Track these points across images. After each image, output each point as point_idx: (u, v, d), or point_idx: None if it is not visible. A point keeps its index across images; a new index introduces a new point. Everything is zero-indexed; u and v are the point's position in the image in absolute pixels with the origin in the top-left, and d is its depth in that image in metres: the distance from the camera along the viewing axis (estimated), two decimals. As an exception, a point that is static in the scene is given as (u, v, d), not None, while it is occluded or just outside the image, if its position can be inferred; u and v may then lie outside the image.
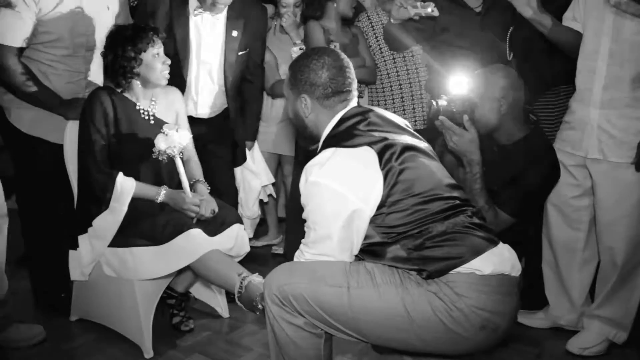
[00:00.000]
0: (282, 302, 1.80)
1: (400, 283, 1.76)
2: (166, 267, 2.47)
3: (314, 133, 1.98)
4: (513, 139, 2.49)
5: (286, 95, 2.02)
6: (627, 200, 2.44)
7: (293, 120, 2.05)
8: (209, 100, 2.99)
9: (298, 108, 1.97)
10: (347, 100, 1.95)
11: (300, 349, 1.82)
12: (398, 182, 1.79)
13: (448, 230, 1.77)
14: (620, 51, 2.37)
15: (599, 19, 2.41)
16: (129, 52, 2.50)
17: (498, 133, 2.49)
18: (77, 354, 2.61)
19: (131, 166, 2.58)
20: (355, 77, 1.97)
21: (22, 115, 2.72)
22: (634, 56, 2.35)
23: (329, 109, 1.93)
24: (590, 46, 2.45)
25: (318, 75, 1.90)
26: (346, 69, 1.94)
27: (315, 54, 1.95)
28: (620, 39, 2.37)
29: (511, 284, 1.80)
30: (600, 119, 2.43)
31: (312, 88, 1.91)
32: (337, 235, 1.79)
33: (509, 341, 2.61)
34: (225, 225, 2.55)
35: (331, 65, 1.91)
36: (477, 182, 2.35)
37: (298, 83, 1.94)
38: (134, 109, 2.61)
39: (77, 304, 2.84)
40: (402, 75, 3.39)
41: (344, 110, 1.93)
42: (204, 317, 2.93)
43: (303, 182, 1.83)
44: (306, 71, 1.91)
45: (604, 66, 2.40)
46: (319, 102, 1.92)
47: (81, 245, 2.60)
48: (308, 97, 1.93)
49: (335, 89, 1.91)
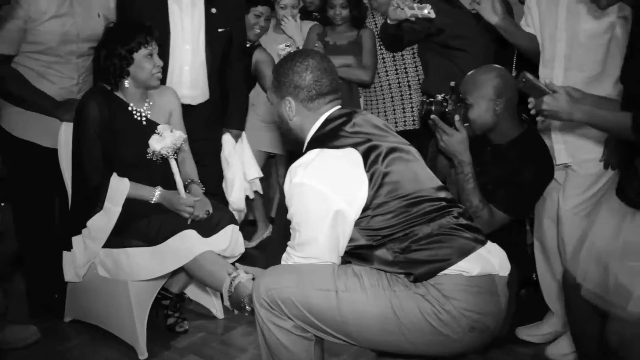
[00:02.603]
0: (271, 305, 1.80)
1: (388, 286, 1.76)
2: (160, 268, 2.47)
3: (299, 136, 1.97)
4: (507, 138, 2.50)
5: (270, 98, 2.02)
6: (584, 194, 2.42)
7: (278, 123, 2.04)
8: (192, 81, 2.94)
9: (282, 111, 1.96)
10: (332, 102, 1.95)
11: (291, 352, 1.81)
12: (383, 185, 1.78)
13: (434, 232, 1.77)
14: (577, 55, 2.35)
15: (553, 25, 2.39)
16: (120, 50, 2.49)
17: (493, 133, 2.50)
18: (71, 355, 2.61)
19: (125, 167, 2.57)
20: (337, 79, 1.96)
21: (13, 119, 2.71)
22: (591, 58, 2.33)
23: (314, 111, 1.92)
24: (547, 53, 2.44)
25: (302, 77, 1.89)
26: (331, 71, 1.93)
27: (299, 56, 1.94)
28: (575, 44, 2.35)
29: (500, 284, 1.80)
30: (562, 124, 2.40)
31: (296, 90, 1.91)
32: (323, 236, 1.78)
33: (504, 342, 2.60)
34: (219, 226, 2.54)
35: (315, 67, 1.90)
36: (470, 182, 2.36)
37: (282, 86, 1.93)
38: (126, 110, 2.60)
39: (71, 305, 2.84)
40: (391, 75, 3.39)
41: (329, 112, 1.93)
42: (199, 318, 2.92)
43: (287, 184, 1.83)
44: (290, 74, 1.91)
45: (561, 71, 2.38)
46: (303, 104, 1.92)
47: (75, 246, 2.60)
48: (292, 99, 1.92)
49: (320, 91, 1.90)
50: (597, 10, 2.22)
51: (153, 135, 2.49)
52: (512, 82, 2.46)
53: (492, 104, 2.43)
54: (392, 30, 2.96)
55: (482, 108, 2.43)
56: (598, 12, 2.25)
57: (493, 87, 2.42)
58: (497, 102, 2.42)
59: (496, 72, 2.48)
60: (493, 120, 2.45)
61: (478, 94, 2.42)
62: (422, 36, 3.11)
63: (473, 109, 2.42)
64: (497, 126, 2.47)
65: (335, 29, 3.41)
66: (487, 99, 2.42)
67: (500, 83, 2.43)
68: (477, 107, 2.42)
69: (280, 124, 2.02)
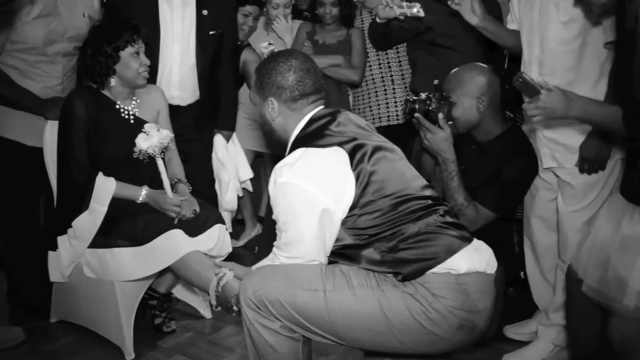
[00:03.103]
0: (258, 306, 1.79)
1: (376, 285, 1.75)
2: (147, 268, 2.45)
3: (282, 136, 1.96)
4: (491, 136, 2.51)
5: (253, 99, 2.00)
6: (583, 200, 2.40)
7: (260, 124, 2.03)
8: (182, 82, 2.92)
9: (265, 112, 1.95)
10: (315, 103, 1.94)
11: (278, 352, 1.81)
12: (370, 183, 1.78)
13: (421, 231, 1.77)
14: (549, 61, 2.33)
15: (530, 28, 2.38)
16: (106, 48, 2.47)
17: (477, 131, 2.52)
18: (57, 356, 2.58)
19: (111, 166, 2.55)
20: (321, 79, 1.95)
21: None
22: (563, 65, 2.30)
23: (297, 112, 1.91)
24: (525, 56, 2.42)
25: (285, 77, 1.88)
26: (314, 71, 1.92)
27: (281, 56, 1.93)
28: (546, 49, 2.33)
29: (487, 282, 1.80)
30: (544, 127, 2.39)
31: (279, 91, 1.89)
32: (310, 236, 1.77)
33: (492, 341, 2.61)
34: (206, 226, 2.53)
35: (298, 67, 1.89)
36: (454, 180, 2.37)
37: (265, 86, 1.92)
38: (113, 108, 2.58)
39: (57, 306, 2.82)
40: (374, 70, 3.39)
41: (312, 112, 1.92)
42: (186, 318, 2.91)
43: (272, 184, 1.82)
44: (273, 74, 1.90)
45: (536, 76, 2.30)
46: (286, 105, 1.91)
47: (61, 246, 2.57)
48: (275, 100, 1.91)
49: (303, 92, 1.89)
50: (566, 16, 2.22)
51: (140, 134, 2.47)
52: (495, 80, 2.48)
53: (475, 102, 2.45)
54: (380, 29, 2.96)
55: (466, 106, 2.45)
56: (566, 18, 2.24)
57: (476, 84, 2.44)
58: (481, 99, 2.44)
59: (479, 70, 2.49)
60: (477, 117, 2.47)
61: (461, 92, 2.44)
62: (411, 35, 3.11)
63: (457, 107, 2.44)
64: (481, 124, 2.49)
65: (324, 27, 3.40)
66: (470, 96, 2.44)
67: (484, 81, 2.45)
68: (461, 105, 2.44)
69: (262, 124, 2.01)
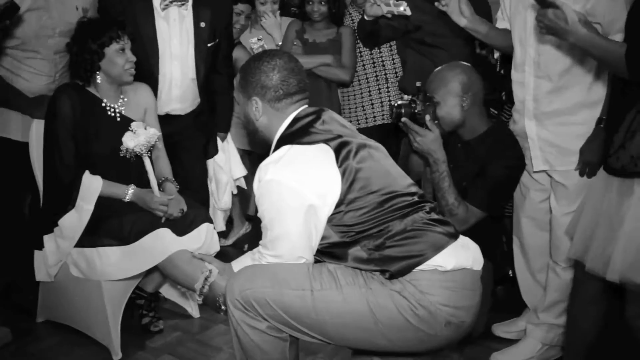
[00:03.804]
0: (245, 306, 1.77)
1: (364, 284, 1.75)
2: (134, 267, 2.43)
3: (266, 136, 1.95)
4: (476, 133, 2.52)
5: (237, 98, 2.00)
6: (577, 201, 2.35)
7: (244, 123, 2.02)
8: (182, 95, 2.93)
9: (249, 111, 1.94)
10: (299, 102, 1.93)
11: (265, 353, 1.80)
12: (356, 180, 1.77)
13: (408, 228, 1.77)
14: (545, 63, 2.30)
15: (523, 27, 2.34)
16: (91, 45, 2.45)
17: (462, 129, 2.53)
18: (44, 357, 2.56)
19: (98, 164, 2.53)
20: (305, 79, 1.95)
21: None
22: (558, 68, 2.27)
23: (281, 112, 1.90)
24: (518, 56, 2.39)
25: (269, 77, 1.87)
26: (298, 71, 1.92)
27: (266, 56, 1.92)
28: (543, 51, 2.29)
29: (474, 278, 1.81)
30: (538, 129, 2.37)
31: (263, 90, 1.89)
32: (295, 233, 1.77)
33: (480, 339, 2.61)
34: (194, 225, 2.51)
35: (282, 67, 1.88)
36: (445, 180, 2.38)
37: (249, 85, 1.91)
38: (100, 106, 2.56)
39: (43, 305, 2.79)
40: (368, 68, 3.38)
41: (297, 111, 1.91)
42: (174, 318, 2.90)
43: (257, 182, 1.81)
44: (257, 73, 1.89)
45: (531, 78, 2.33)
46: (270, 104, 1.90)
47: (47, 245, 2.55)
48: (259, 99, 1.90)
49: (287, 91, 1.89)
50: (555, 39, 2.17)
51: (127, 133, 2.45)
52: (477, 77, 2.49)
53: (459, 100, 2.45)
54: (368, 26, 2.95)
55: (450, 104, 2.45)
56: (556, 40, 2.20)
57: (459, 83, 2.45)
58: (464, 97, 2.45)
59: (461, 68, 2.50)
60: (461, 116, 2.48)
61: (445, 91, 2.45)
62: (400, 34, 3.11)
63: (441, 106, 2.44)
64: (466, 122, 2.50)
65: (314, 25, 3.39)
66: (454, 95, 2.45)
67: (466, 79, 2.46)
68: (445, 104, 2.45)
69: (246, 123, 2.00)
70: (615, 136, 1.92)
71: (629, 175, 1.86)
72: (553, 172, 2.40)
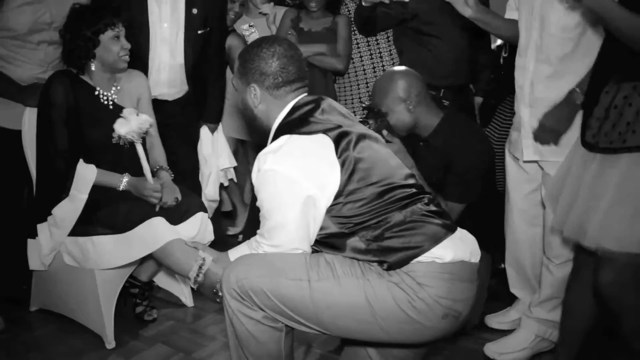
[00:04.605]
0: (241, 296, 1.76)
1: (361, 274, 1.74)
2: (128, 256, 2.42)
3: (264, 124, 1.94)
4: (431, 129, 2.57)
5: (235, 85, 1.98)
6: None
7: (242, 110, 2.00)
8: (170, 80, 2.92)
9: (247, 98, 1.92)
10: (298, 90, 1.92)
11: (261, 342, 1.79)
12: (355, 171, 1.77)
13: (406, 220, 1.76)
14: (547, 46, 2.27)
15: (529, 12, 2.32)
16: (86, 32, 2.44)
17: (418, 129, 2.58)
18: (37, 345, 2.56)
19: (92, 153, 2.52)
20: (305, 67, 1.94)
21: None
22: (559, 52, 2.25)
23: (280, 99, 1.89)
24: (522, 41, 2.37)
25: (268, 64, 1.86)
26: (297, 58, 1.90)
27: (265, 42, 1.90)
28: (546, 34, 2.27)
29: (471, 271, 1.80)
30: (531, 118, 2.35)
31: (261, 77, 1.87)
32: (293, 223, 1.76)
33: (474, 330, 2.63)
34: (188, 214, 2.51)
35: (282, 54, 1.87)
36: None
37: (247, 72, 1.89)
38: (92, 93, 2.54)
39: (37, 294, 2.79)
40: (365, 60, 3.36)
41: (296, 100, 1.90)
42: (168, 306, 2.90)
43: (256, 171, 1.80)
44: (256, 60, 1.87)
45: (532, 61, 2.31)
46: (269, 92, 1.88)
47: (40, 234, 2.54)
48: (257, 86, 1.89)
49: (286, 79, 1.87)
50: (570, 2, 2.16)
51: (118, 119, 2.44)
52: (415, 78, 2.53)
53: (404, 105, 2.50)
54: (366, 12, 2.95)
55: (398, 111, 2.51)
56: (570, 4, 2.18)
57: (400, 89, 2.50)
58: (408, 101, 2.50)
59: (398, 74, 2.55)
60: (411, 118, 2.53)
61: (389, 101, 2.50)
62: (396, 21, 3.10)
63: (390, 116, 2.48)
64: (418, 122, 2.55)
65: (309, 14, 3.36)
66: (398, 102, 2.50)
67: (405, 83, 2.50)
68: (393, 113, 2.50)
69: (244, 111, 1.99)
70: (596, 110, 1.93)
71: (616, 152, 1.88)
72: (544, 164, 2.39)
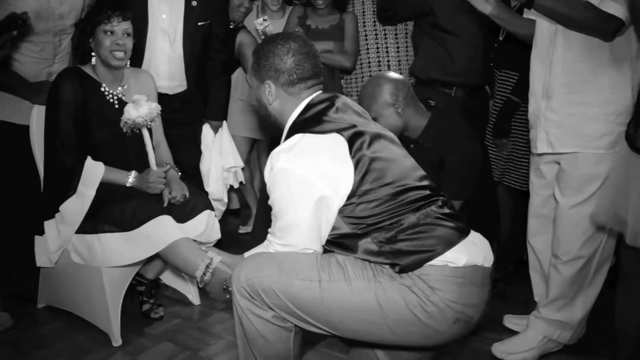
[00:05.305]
0: (251, 295, 1.76)
1: (373, 277, 1.73)
2: (134, 254, 2.41)
3: (278, 121, 1.93)
4: (420, 130, 2.59)
5: (249, 81, 1.97)
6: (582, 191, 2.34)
7: (256, 107, 1.99)
8: (170, 73, 2.92)
9: (262, 95, 1.92)
10: (313, 87, 1.91)
11: (269, 342, 1.78)
12: (369, 171, 1.75)
13: (420, 222, 1.74)
14: (575, 35, 2.22)
15: None
16: (85, 26, 2.48)
17: (408, 131, 2.59)
18: (44, 342, 2.56)
19: (99, 150, 2.52)
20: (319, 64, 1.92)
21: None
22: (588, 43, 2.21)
23: (294, 96, 1.88)
24: (546, 31, 2.32)
25: (283, 61, 1.85)
26: (313, 55, 1.89)
27: (280, 39, 1.89)
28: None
29: (484, 275, 1.78)
30: (546, 110, 2.33)
31: (276, 74, 1.86)
32: (305, 223, 1.75)
33: (481, 329, 2.61)
34: (195, 212, 2.51)
35: (297, 51, 1.86)
36: None
37: (262, 69, 1.89)
38: (99, 90, 2.54)
39: (44, 291, 2.79)
40: (372, 53, 3.36)
41: (310, 97, 1.89)
42: (175, 305, 2.90)
43: (268, 170, 1.78)
44: (271, 57, 1.86)
45: (560, 50, 2.26)
46: (284, 88, 1.88)
47: (47, 231, 2.54)
48: (272, 83, 1.88)
49: (301, 76, 1.86)
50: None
51: (128, 104, 2.44)
52: (401, 81, 2.55)
53: (393, 109, 2.52)
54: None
55: (387, 115, 2.52)
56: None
57: (387, 93, 2.51)
58: (397, 104, 2.52)
59: (383, 78, 2.56)
60: (401, 121, 2.55)
61: (378, 105, 2.51)
62: (415, 14, 3.10)
63: (380, 120, 2.46)
64: (407, 124, 2.57)
65: (316, 11, 3.36)
66: (387, 106, 2.52)
67: (392, 87, 2.52)
68: (383, 117, 2.50)
69: (258, 108, 1.98)
70: None
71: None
72: (561, 159, 2.36)
